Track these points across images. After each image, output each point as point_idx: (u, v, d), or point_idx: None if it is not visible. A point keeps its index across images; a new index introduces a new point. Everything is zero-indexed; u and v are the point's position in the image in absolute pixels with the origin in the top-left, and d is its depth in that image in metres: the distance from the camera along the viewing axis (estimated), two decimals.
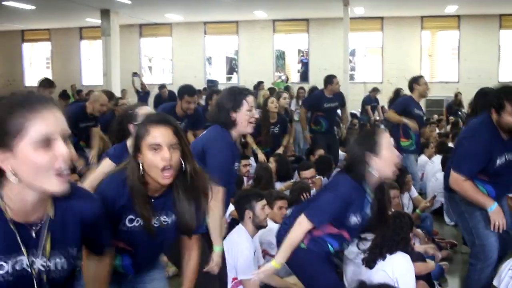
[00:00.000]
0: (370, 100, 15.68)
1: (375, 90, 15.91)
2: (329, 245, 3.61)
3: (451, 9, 18.40)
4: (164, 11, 19.05)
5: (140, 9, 18.01)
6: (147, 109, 3.79)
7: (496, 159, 4.07)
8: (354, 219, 3.49)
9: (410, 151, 7.66)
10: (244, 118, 3.69)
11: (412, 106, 7.69)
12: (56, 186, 1.67)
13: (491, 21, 19.77)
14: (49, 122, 1.66)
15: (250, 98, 3.73)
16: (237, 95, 3.71)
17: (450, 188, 4.31)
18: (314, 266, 3.61)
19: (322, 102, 8.98)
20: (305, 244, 3.56)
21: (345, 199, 3.44)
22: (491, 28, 19.89)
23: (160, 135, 2.46)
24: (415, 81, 7.74)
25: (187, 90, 6.84)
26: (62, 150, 1.65)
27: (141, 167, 2.48)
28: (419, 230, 5.92)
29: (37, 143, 1.62)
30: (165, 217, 2.64)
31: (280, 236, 3.68)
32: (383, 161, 3.40)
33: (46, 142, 1.64)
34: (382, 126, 12.08)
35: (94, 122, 7.46)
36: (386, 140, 3.47)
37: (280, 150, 7.94)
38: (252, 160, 7.94)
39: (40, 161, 1.63)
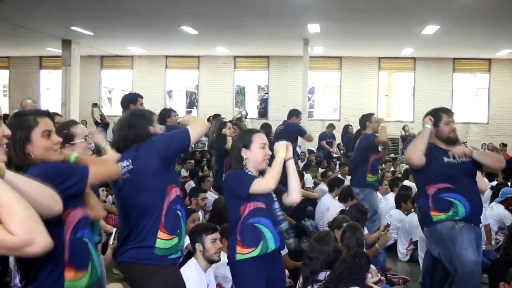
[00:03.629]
0: (326, 136, 16.00)
1: (331, 126, 16.31)
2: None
3: (407, 52, 18.99)
4: (126, 44, 19.12)
5: (102, 40, 18.04)
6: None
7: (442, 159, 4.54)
8: None
9: (374, 187, 7.79)
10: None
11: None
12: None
13: (445, 64, 20.48)
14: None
15: None
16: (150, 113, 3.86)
17: (428, 222, 4.54)
18: None
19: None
20: None
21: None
22: (445, 71, 20.61)
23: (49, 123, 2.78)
24: (367, 119, 7.85)
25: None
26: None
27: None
28: (372, 266, 6.02)
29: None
30: None
31: None
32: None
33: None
34: (339, 162, 12.31)
35: None
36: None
37: None
38: (209, 194, 8.00)
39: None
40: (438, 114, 4.66)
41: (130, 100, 6.63)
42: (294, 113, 9.81)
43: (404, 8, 12.49)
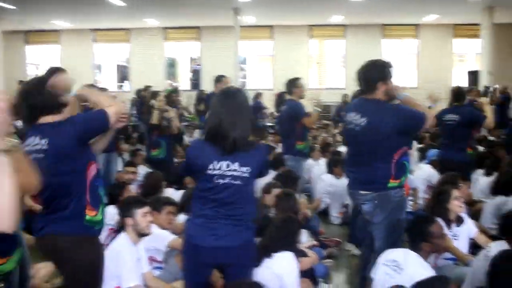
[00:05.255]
0: (259, 103, 15.97)
1: (259, 95, 16.25)
2: None
3: (337, 19, 19.14)
4: (51, 18, 18.49)
5: (25, 15, 17.38)
6: None
7: None
8: None
9: (303, 153, 7.49)
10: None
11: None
12: None
13: (375, 31, 20.81)
14: None
15: None
16: None
17: (383, 187, 4.45)
18: None
19: None
20: None
21: None
22: (375, 37, 20.95)
23: None
24: (293, 85, 7.57)
25: None
26: None
27: None
28: (304, 230, 6.10)
29: None
30: None
31: None
32: None
33: None
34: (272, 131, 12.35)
35: None
36: None
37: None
38: (140, 168, 7.88)
39: None
40: (387, 71, 4.50)
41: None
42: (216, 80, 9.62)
43: None
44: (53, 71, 4.55)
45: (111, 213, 4.85)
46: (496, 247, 4.20)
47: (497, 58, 17.80)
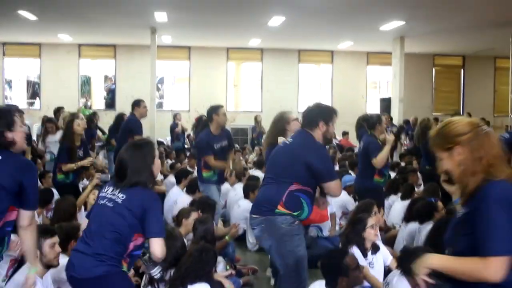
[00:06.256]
0: (176, 125, 15.84)
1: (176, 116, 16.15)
2: None
3: (255, 42, 19.30)
4: None
5: None
6: None
7: None
8: None
9: (212, 181, 7.41)
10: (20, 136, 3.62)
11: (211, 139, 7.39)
12: None
13: (291, 55, 21.13)
14: None
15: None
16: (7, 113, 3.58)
17: (267, 211, 4.47)
18: None
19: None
20: None
21: None
22: (291, 62, 21.26)
23: None
24: (213, 111, 7.43)
25: None
26: None
27: None
28: (220, 258, 5.97)
29: None
30: None
31: None
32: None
33: None
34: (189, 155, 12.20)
35: None
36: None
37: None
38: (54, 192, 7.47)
39: None
40: (331, 115, 4.71)
41: None
42: (134, 103, 9.51)
43: None
44: None
45: (15, 242, 4.51)
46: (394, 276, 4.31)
47: (407, 86, 18.47)
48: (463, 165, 2.59)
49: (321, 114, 4.67)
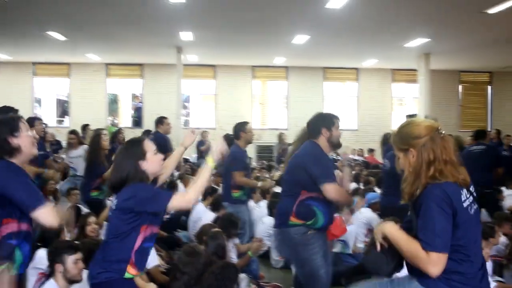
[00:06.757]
0: (203, 143, 15.92)
1: (205, 133, 16.26)
2: None
3: (279, 61, 19.42)
4: None
5: None
6: None
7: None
8: None
9: (241, 201, 7.40)
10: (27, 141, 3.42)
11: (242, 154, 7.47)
12: None
13: (316, 73, 21.17)
14: None
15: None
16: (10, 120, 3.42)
17: (281, 223, 4.62)
18: None
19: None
20: None
21: None
22: (316, 80, 21.29)
23: None
24: (241, 128, 7.49)
25: None
26: None
27: None
28: (243, 275, 5.98)
29: None
30: None
31: None
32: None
33: None
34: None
35: None
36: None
37: None
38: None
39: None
40: (331, 121, 4.85)
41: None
42: (157, 121, 9.71)
43: (274, 18, 12.72)
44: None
45: (42, 256, 4.58)
46: None
47: (433, 102, 18.38)
48: (413, 167, 2.75)
49: (322, 122, 4.86)
